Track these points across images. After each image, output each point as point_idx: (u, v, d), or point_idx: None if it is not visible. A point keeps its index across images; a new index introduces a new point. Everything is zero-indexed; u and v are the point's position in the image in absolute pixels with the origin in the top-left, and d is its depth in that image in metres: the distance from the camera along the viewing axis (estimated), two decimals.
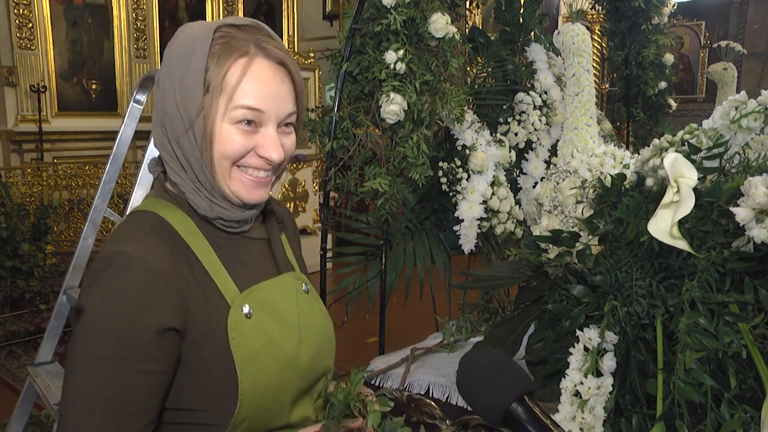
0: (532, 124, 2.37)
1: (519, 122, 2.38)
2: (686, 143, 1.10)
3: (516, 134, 2.37)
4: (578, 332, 1.11)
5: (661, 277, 1.06)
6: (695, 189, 0.96)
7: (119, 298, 0.83)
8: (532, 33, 2.59)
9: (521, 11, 2.57)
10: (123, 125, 2.00)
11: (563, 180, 1.47)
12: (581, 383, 1.08)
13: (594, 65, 5.12)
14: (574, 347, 1.11)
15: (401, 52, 1.80)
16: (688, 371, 0.96)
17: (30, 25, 6.06)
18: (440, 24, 1.85)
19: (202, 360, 0.89)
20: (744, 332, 0.96)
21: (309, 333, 1.01)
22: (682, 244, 0.94)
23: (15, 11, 5.93)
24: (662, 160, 1.04)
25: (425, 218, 2.27)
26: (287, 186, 6.32)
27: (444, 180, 2.14)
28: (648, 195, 1.13)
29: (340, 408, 0.96)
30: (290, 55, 0.96)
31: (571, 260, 1.22)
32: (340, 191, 2.03)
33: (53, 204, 5.41)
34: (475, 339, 1.70)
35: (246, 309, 0.92)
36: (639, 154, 1.20)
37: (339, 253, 2.38)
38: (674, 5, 3.33)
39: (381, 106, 1.82)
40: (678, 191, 0.95)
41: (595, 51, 6.49)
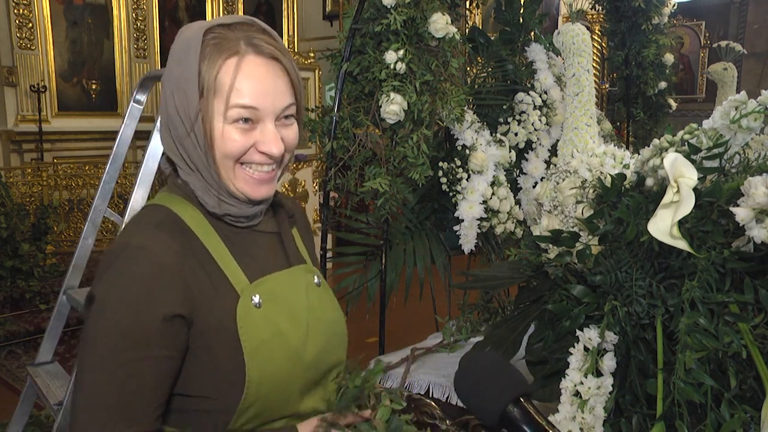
0: (532, 124, 2.37)
1: (519, 122, 2.38)
2: (686, 143, 1.10)
3: (516, 134, 2.37)
4: (578, 332, 1.11)
5: (661, 277, 1.06)
6: (695, 189, 0.95)
7: (126, 290, 0.86)
8: (532, 33, 2.59)
9: (521, 11, 2.58)
10: (123, 125, 2.00)
11: (563, 180, 1.47)
12: (581, 383, 1.08)
13: (594, 65, 5.12)
14: (574, 347, 1.11)
15: (401, 52, 1.80)
16: (688, 371, 0.96)
17: (30, 25, 6.06)
18: (440, 24, 1.85)
19: (210, 349, 0.91)
20: (744, 332, 0.96)
21: (318, 325, 1.02)
22: (682, 244, 0.94)
23: (15, 11, 5.93)
24: (662, 160, 1.04)
25: (425, 218, 2.27)
26: (287, 186, 6.32)
27: (444, 180, 2.14)
28: (648, 195, 1.13)
29: (354, 393, 0.95)
30: (283, 48, 0.97)
31: (571, 260, 1.22)
32: (340, 191, 2.03)
33: (53, 204, 5.41)
34: (475, 339, 1.70)
35: (255, 299, 0.94)
36: (639, 154, 1.20)
37: (339, 253, 2.38)
38: (674, 5, 3.33)
39: (381, 106, 1.82)
40: (678, 191, 0.95)
41: (595, 51, 6.49)
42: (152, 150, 1.81)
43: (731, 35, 7.85)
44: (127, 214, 1.76)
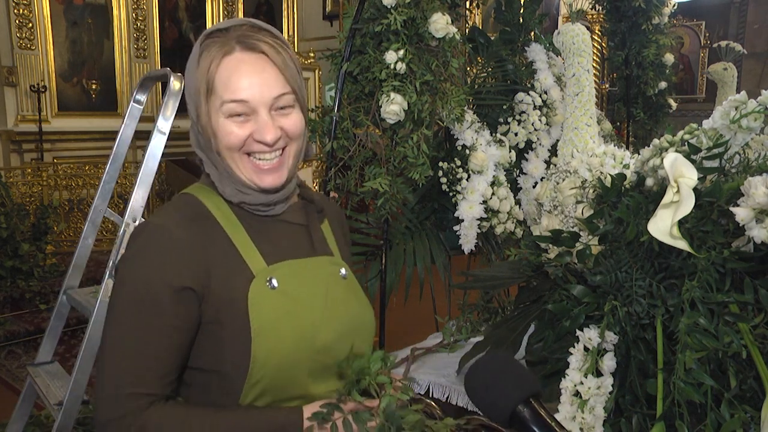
0: (532, 124, 2.37)
1: (519, 122, 2.38)
2: (686, 143, 1.10)
3: (516, 134, 2.37)
4: (578, 332, 1.11)
5: (661, 277, 1.06)
6: (695, 189, 0.95)
7: (142, 262, 0.96)
8: (532, 33, 2.59)
9: (521, 11, 2.58)
10: (123, 125, 2.00)
11: (563, 180, 1.47)
12: (581, 383, 1.08)
13: (594, 65, 5.12)
14: (574, 347, 1.11)
15: (401, 52, 1.80)
16: (688, 371, 0.96)
17: (30, 25, 6.06)
18: (440, 24, 1.85)
19: (221, 324, 0.97)
20: (744, 332, 0.96)
21: (335, 314, 1.05)
22: (682, 244, 0.94)
23: (15, 11, 5.93)
24: (662, 160, 1.04)
25: (425, 218, 2.27)
26: None
27: (444, 180, 2.14)
28: (648, 195, 1.13)
29: (352, 378, 0.98)
30: (278, 43, 1.01)
31: (571, 260, 1.22)
32: (340, 191, 2.03)
33: (53, 204, 5.41)
34: (475, 339, 1.70)
35: (270, 281, 1.00)
36: (639, 154, 1.20)
37: None
38: (674, 5, 3.33)
39: (381, 106, 1.82)
40: (678, 191, 0.95)
41: (595, 51, 6.49)
42: (152, 150, 1.81)
43: (731, 35, 7.85)
44: (127, 214, 1.76)
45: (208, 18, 7.67)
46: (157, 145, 1.81)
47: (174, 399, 0.99)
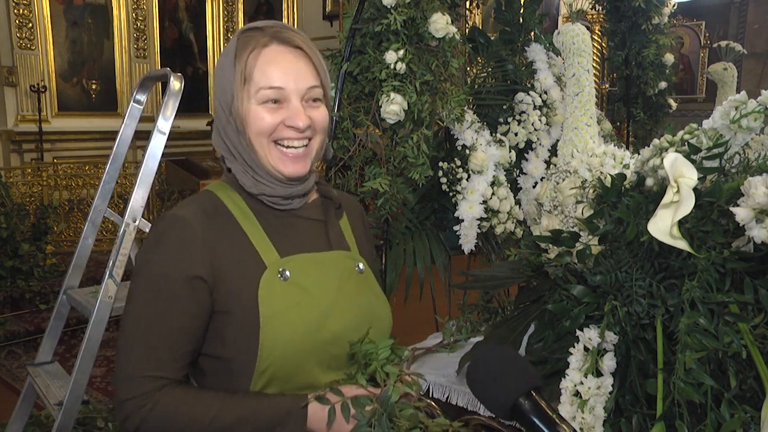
0: (532, 124, 2.36)
1: (519, 122, 2.38)
2: (686, 143, 1.10)
3: (516, 134, 2.36)
4: (578, 332, 1.11)
5: (661, 277, 1.06)
6: (695, 189, 0.96)
7: (158, 251, 1.02)
8: (532, 33, 2.59)
9: (521, 11, 2.57)
10: (123, 125, 2.00)
11: (563, 180, 1.47)
12: (581, 383, 1.08)
13: (594, 65, 5.12)
14: (574, 347, 1.11)
15: (401, 52, 1.80)
16: (688, 371, 0.96)
17: (30, 25, 6.07)
18: (440, 24, 1.85)
19: (232, 313, 1.01)
20: (744, 332, 0.96)
21: (347, 307, 1.08)
22: (682, 244, 0.94)
23: (15, 11, 5.94)
24: (662, 160, 1.04)
25: (425, 218, 2.26)
26: None
27: (444, 180, 2.14)
28: (648, 195, 1.13)
29: (360, 361, 1.02)
30: (309, 42, 1.09)
31: (571, 260, 1.22)
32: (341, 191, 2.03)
33: (53, 204, 5.41)
34: (475, 339, 1.70)
35: (282, 272, 1.04)
36: (639, 154, 1.20)
37: None
38: (674, 5, 3.33)
39: (381, 106, 1.82)
40: (678, 191, 0.95)
41: (595, 51, 6.48)
42: (152, 150, 1.81)
43: (731, 35, 7.85)
44: (127, 214, 1.76)
45: (208, 18, 7.68)
46: (157, 145, 1.81)
47: (186, 383, 1.04)
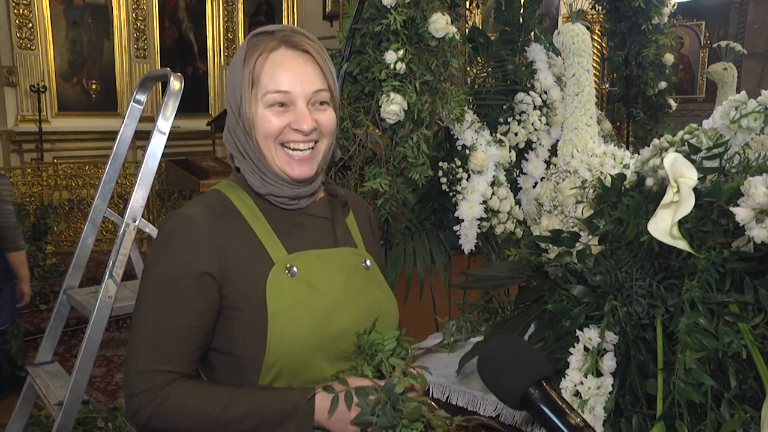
0: (532, 124, 2.36)
1: (519, 122, 2.38)
2: (686, 143, 1.10)
3: (516, 134, 2.36)
4: (578, 332, 1.11)
5: (661, 277, 1.06)
6: (695, 189, 0.95)
7: (167, 248, 1.04)
8: (532, 33, 2.59)
9: (521, 11, 2.57)
10: (123, 125, 2.00)
11: (563, 180, 1.47)
12: (581, 383, 1.08)
13: (594, 65, 5.12)
14: (574, 347, 1.11)
15: (401, 52, 1.80)
16: (688, 371, 0.96)
17: (30, 25, 6.07)
18: (440, 24, 1.85)
19: (240, 308, 1.03)
20: (744, 332, 0.96)
21: (354, 301, 1.09)
22: (682, 244, 0.94)
23: (15, 11, 5.94)
24: (662, 160, 1.04)
25: (425, 218, 2.26)
26: None
27: (444, 180, 2.14)
28: (648, 195, 1.13)
29: (366, 351, 1.03)
30: (318, 46, 1.10)
31: (571, 260, 1.22)
32: None
33: (53, 204, 5.41)
34: (475, 339, 1.70)
35: (290, 268, 1.05)
36: (639, 154, 1.20)
37: None
38: (674, 5, 3.33)
39: (381, 106, 1.82)
40: (678, 191, 0.95)
41: (595, 51, 6.49)
42: (152, 150, 1.81)
43: (731, 35, 7.85)
44: (127, 214, 1.76)
45: (208, 18, 7.68)
46: (157, 145, 1.81)
47: (196, 377, 1.06)
